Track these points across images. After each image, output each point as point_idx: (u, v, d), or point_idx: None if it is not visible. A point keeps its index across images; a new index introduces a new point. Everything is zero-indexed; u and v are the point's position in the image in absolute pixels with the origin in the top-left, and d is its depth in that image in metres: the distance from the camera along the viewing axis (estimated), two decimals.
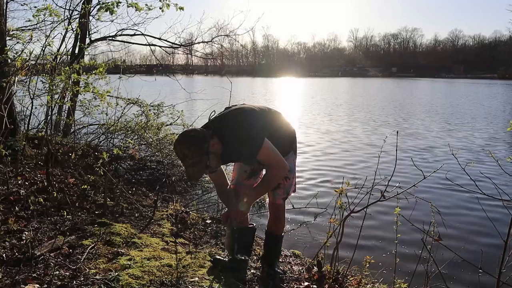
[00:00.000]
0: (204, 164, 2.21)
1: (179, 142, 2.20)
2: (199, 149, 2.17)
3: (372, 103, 23.67)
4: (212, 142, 2.24)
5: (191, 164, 2.19)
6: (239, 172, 2.69)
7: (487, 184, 4.28)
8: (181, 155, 2.21)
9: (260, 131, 2.34)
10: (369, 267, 2.79)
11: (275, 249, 2.87)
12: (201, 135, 2.22)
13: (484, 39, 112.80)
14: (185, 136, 2.22)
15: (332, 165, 7.85)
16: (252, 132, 2.32)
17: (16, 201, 3.48)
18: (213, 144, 2.25)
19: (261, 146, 2.29)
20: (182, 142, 2.19)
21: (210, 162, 2.24)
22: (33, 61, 4.83)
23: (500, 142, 10.69)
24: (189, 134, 2.23)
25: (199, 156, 2.17)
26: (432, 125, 14.02)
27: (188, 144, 2.18)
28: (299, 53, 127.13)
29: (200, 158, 2.18)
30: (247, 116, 2.38)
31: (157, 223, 3.50)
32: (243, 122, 2.34)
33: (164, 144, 6.31)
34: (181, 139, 2.21)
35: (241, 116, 2.38)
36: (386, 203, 3.02)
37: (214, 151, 2.25)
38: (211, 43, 9.02)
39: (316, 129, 12.99)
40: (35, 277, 2.26)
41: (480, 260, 2.46)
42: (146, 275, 2.42)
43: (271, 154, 2.36)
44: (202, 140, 2.19)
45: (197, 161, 2.18)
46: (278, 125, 2.53)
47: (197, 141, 2.18)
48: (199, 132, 2.24)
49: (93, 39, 7.99)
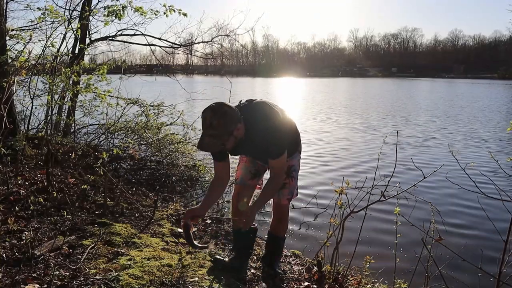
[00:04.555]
0: (222, 142, 2.16)
1: (212, 110, 2.13)
2: (226, 126, 2.13)
3: (372, 103, 23.67)
4: (239, 126, 2.21)
5: (211, 134, 2.13)
6: (245, 172, 2.68)
7: (487, 184, 4.28)
8: (207, 123, 2.13)
9: (286, 139, 2.38)
10: (369, 267, 2.79)
11: (277, 250, 2.87)
12: (234, 115, 2.17)
13: (484, 39, 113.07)
14: (220, 108, 2.14)
15: (332, 165, 7.85)
16: (281, 135, 2.32)
17: (16, 201, 3.48)
18: (239, 128, 2.21)
19: (283, 153, 2.32)
20: (215, 112, 2.12)
21: (228, 143, 2.19)
22: (33, 61, 4.83)
23: (500, 142, 10.69)
24: (224, 108, 2.15)
25: (223, 132, 2.13)
26: (432, 125, 14.02)
27: (220, 116, 2.12)
28: (299, 53, 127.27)
29: (223, 134, 2.14)
30: (277, 116, 2.33)
31: (157, 223, 3.50)
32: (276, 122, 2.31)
33: (164, 144, 6.30)
34: (215, 109, 2.13)
35: (271, 114, 2.32)
36: (386, 203, 3.02)
37: (236, 135, 2.21)
38: (211, 43, 9.03)
39: (316, 128, 12.99)
40: (35, 277, 2.26)
41: (480, 260, 2.46)
42: (146, 275, 2.42)
43: (282, 167, 2.40)
44: (233, 120, 2.15)
45: (219, 135, 2.13)
46: (289, 127, 2.50)
47: (229, 118, 2.14)
48: (233, 111, 2.18)
49: (93, 39, 7.99)
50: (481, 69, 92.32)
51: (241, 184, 2.68)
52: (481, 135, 11.78)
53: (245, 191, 2.66)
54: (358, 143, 10.39)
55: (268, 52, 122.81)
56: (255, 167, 2.67)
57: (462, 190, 5.20)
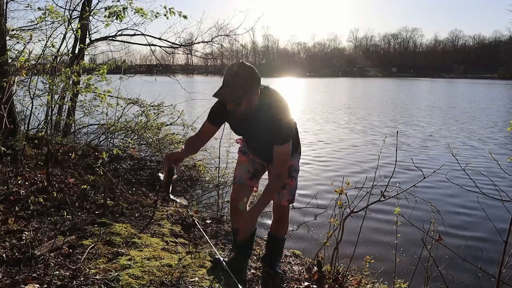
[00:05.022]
0: (239, 97, 2.08)
1: (243, 63, 2.11)
2: (249, 83, 2.09)
3: (372, 103, 23.67)
4: (257, 97, 2.19)
5: (233, 84, 2.06)
6: (242, 171, 2.66)
7: (487, 184, 4.28)
8: (233, 70, 2.07)
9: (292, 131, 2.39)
10: (369, 267, 2.79)
11: (277, 251, 2.87)
12: (259, 80, 2.15)
13: (484, 39, 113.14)
14: (250, 66, 2.12)
15: (332, 165, 7.85)
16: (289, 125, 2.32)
17: (16, 201, 3.48)
18: (255, 99, 2.19)
19: (289, 141, 2.30)
20: (244, 66, 2.10)
21: (242, 104, 2.11)
22: (33, 61, 4.83)
23: (501, 142, 10.69)
24: (254, 68, 2.12)
25: (244, 87, 2.07)
26: (432, 125, 14.02)
27: (248, 71, 2.09)
28: (299, 53, 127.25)
29: (243, 89, 2.07)
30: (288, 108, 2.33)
31: (157, 223, 3.50)
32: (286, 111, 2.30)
33: (164, 144, 6.30)
34: (245, 64, 2.12)
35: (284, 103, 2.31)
36: (386, 203, 3.02)
37: (251, 101, 2.16)
38: (211, 43, 9.01)
39: (316, 129, 12.99)
40: (35, 277, 2.26)
41: (480, 260, 2.46)
42: (146, 275, 2.42)
43: (287, 157, 2.35)
44: (256, 82, 2.13)
45: (239, 87, 2.06)
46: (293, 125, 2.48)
47: (254, 78, 2.11)
48: (259, 77, 2.16)
49: (93, 39, 7.99)
50: (481, 69, 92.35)
51: (240, 183, 2.65)
52: (481, 135, 11.78)
53: (243, 191, 2.64)
54: (358, 143, 10.38)
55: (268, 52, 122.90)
56: (254, 167, 2.65)
57: (462, 190, 5.20)
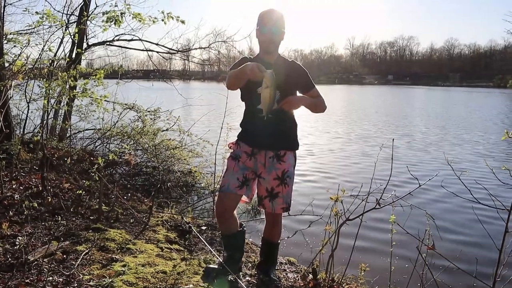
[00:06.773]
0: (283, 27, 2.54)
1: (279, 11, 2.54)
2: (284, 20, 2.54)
3: (368, 111, 23.76)
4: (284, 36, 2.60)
5: (276, 18, 2.50)
6: (231, 179, 2.52)
7: (481, 192, 4.30)
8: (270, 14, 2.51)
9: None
10: (364, 275, 2.79)
11: (272, 256, 2.86)
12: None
13: (480, 48, 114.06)
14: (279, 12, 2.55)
15: (328, 172, 7.86)
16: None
17: (10, 205, 3.46)
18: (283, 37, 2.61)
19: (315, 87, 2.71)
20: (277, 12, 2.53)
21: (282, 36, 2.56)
22: (30, 65, 4.82)
23: (495, 151, 10.75)
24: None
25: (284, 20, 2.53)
26: (427, 133, 14.10)
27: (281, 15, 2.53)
28: (296, 60, 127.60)
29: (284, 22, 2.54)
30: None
31: (152, 229, 3.49)
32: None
33: (160, 149, 6.29)
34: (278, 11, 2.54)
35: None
36: (382, 211, 3.02)
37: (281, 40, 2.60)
38: (208, 49, 9.06)
39: (312, 136, 13.01)
40: (28, 283, 2.24)
41: (475, 268, 2.46)
42: (140, 281, 2.41)
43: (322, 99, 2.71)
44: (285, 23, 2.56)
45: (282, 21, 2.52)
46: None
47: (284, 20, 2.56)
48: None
49: (91, 44, 8.00)
50: (476, 78, 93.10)
51: (228, 191, 2.49)
52: (476, 143, 11.84)
53: (230, 199, 2.51)
54: (354, 150, 10.41)
55: None
56: (243, 174, 2.54)
57: (457, 198, 5.22)
